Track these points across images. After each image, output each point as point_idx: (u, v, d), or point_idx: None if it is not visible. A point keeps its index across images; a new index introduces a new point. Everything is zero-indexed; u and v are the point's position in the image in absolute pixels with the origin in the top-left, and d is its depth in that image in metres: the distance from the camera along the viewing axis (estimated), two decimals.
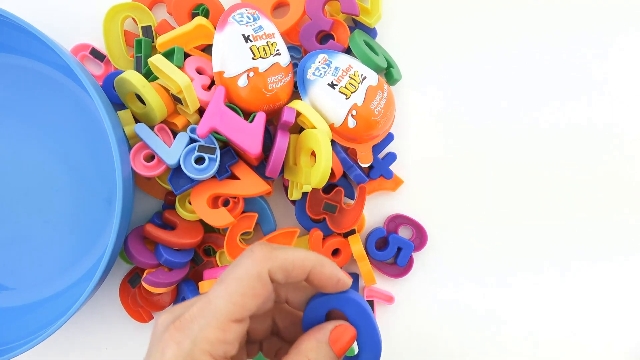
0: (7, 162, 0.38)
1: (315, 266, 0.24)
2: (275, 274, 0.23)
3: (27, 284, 0.38)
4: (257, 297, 0.22)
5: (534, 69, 0.41)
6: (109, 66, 0.39)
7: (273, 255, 0.23)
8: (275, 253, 0.23)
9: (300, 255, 0.23)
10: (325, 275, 0.24)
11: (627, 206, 0.42)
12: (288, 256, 0.23)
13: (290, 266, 0.23)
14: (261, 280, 0.22)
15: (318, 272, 0.24)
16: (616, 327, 0.43)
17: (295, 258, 0.23)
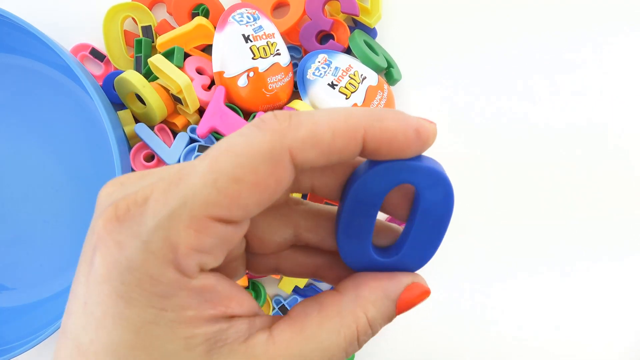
0: (7, 162, 0.38)
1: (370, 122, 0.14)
2: (303, 150, 0.14)
3: (27, 284, 0.38)
4: (259, 188, 0.13)
5: (534, 69, 0.41)
6: (109, 66, 0.39)
7: (295, 123, 0.14)
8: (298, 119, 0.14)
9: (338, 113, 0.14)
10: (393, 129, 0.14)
11: (627, 206, 0.42)
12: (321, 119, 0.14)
13: (326, 134, 0.14)
14: (273, 160, 0.13)
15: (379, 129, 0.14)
16: (616, 326, 0.43)
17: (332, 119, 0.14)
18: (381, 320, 0.17)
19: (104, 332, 0.13)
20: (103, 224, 0.14)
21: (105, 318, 0.13)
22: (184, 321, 0.14)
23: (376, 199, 0.16)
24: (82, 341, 0.14)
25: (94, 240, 0.14)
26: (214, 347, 0.14)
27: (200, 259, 0.14)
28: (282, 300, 0.40)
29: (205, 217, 0.13)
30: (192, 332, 0.14)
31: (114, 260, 0.13)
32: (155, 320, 0.13)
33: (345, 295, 0.16)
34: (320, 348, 0.15)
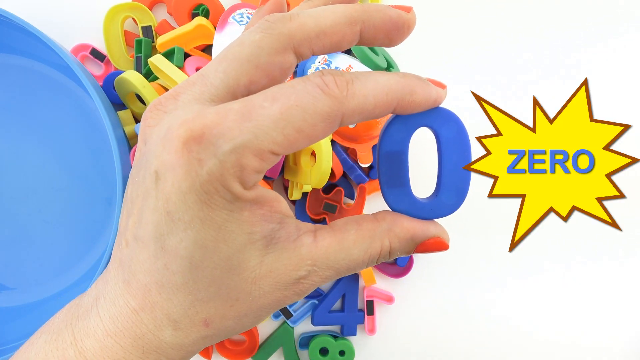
0: (7, 162, 0.38)
1: (403, 95, 0.19)
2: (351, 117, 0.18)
3: (27, 284, 0.38)
4: (312, 139, 0.17)
5: (534, 69, 0.41)
6: (109, 66, 0.39)
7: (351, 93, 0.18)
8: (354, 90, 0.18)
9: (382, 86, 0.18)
10: (419, 102, 0.20)
11: (631, 204, 0.42)
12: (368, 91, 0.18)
13: (370, 105, 0.18)
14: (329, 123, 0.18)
15: (408, 103, 0.19)
16: (617, 325, 0.43)
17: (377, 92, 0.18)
18: (400, 253, 0.21)
19: (192, 231, 0.17)
20: (182, 144, 0.17)
21: (193, 220, 0.17)
22: (245, 220, 0.18)
23: (402, 145, 0.21)
24: (170, 244, 0.18)
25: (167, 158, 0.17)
26: (270, 243, 0.19)
27: (257, 177, 0.18)
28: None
29: (268, 150, 0.17)
30: (251, 229, 0.18)
31: (197, 174, 0.17)
32: (229, 219, 0.18)
33: (381, 224, 0.21)
34: (349, 259, 0.20)
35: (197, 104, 0.18)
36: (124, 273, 0.19)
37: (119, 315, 0.18)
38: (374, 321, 0.41)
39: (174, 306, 0.18)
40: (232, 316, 0.19)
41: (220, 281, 0.18)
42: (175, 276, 0.18)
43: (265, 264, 0.19)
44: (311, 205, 0.39)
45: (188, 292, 0.18)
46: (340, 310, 0.41)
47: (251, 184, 0.18)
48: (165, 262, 0.18)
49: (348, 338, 0.41)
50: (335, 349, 0.40)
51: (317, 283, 0.20)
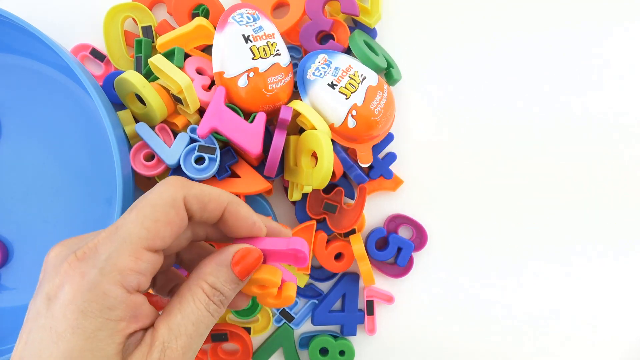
0: (7, 162, 0.38)
1: (231, 203, 0.23)
2: (191, 203, 0.21)
3: (27, 284, 0.38)
4: (171, 225, 0.20)
5: (535, 69, 0.41)
6: (109, 66, 0.39)
7: (189, 184, 0.22)
8: (190, 183, 0.22)
9: (216, 190, 0.23)
10: (241, 215, 0.23)
11: (629, 201, 0.42)
12: (204, 188, 0.22)
13: (206, 197, 0.22)
14: (175, 206, 0.21)
15: (234, 211, 0.23)
16: (618, 322, 0.43)
17: (212, 191, 0.22)
18: (225, 282, 0.22)
19: (63, 342, 0.18)
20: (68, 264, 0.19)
21: (65, 331, 0.18)
22: (118, 330, 0.19)
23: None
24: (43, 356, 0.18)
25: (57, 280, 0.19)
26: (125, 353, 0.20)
27: (138, 278, 0.19)
28: None
29: (140, 248, 0.19)
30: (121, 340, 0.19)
31: (79, 285, 0.18)
32: (101, 327, 0.18)
33: (191, 277, 0.22)
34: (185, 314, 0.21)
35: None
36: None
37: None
38: (374, 321, 0.41)
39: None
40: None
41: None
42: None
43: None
44: (311, 206, 0.39)
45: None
46: (340, 310, 0.41)
47: (135, 285, 0.19)
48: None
49: (348, 338, 0.41)
50: (336, 349, 0.40)
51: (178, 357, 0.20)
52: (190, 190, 0.21)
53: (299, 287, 0.40)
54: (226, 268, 0.22)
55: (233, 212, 0.22)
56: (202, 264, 0.23)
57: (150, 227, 0.20)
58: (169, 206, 0.20)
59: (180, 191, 0.21)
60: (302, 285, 0.40)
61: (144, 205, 0.20)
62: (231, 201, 0.22)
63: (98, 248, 0.19)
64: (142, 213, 0.20)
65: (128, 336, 0.20)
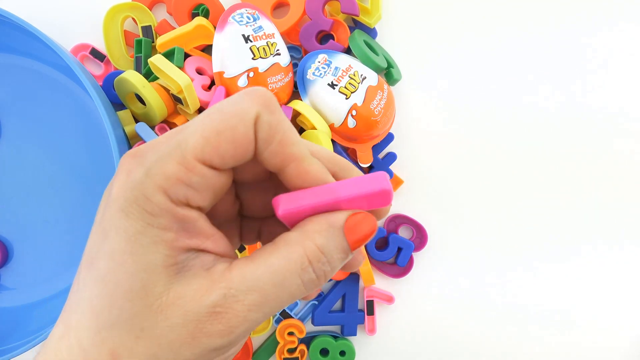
0: (7, 162, 0.38)
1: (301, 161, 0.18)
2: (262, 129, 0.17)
3: (27, 284, 0.38)
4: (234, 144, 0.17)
5: (535, 69, 0.41)
6: (109, 66, 0.39)
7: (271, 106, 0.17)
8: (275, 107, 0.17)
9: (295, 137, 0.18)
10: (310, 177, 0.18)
11: (630, 199, 0.42)
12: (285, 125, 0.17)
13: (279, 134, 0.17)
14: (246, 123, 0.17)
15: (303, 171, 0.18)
16: (619, 320, 0.43)
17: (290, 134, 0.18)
18: (334, 249, 0.18)
19: (107, 241, 0.16)
20: (121, 161, 0.17)
21: (110, 229, 0.16)
22: (164, 240, 0.16)
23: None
24: (92, 255, 0.17)
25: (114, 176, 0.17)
26: (181, 271, 0.17)
27: (186, 191, 0.17)
28: None
29: (192, 158, 0.16)
30: (168, 252, 0.17)
31: (123, 183, 0.16)
32: (143, 232, 0.16)
33: (293, 232, 0.18)
34: (270, 271, 0.17)
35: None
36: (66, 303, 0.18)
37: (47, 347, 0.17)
38: (374, 321, 0.41)
39: (84, 329, 0.16)
40: (140, 353, 0.16)
41: (122, 303, 0.16)
42: (86, 291, 0.17)
43: (173, 291, 0.16)
44: None
45: (93, 311, 0.16)
46: (340, 311, 0.41)
47: (181, 198, 0.17)
48: (85, 276, 0.17)
49: (348, 338, 0.41)
50: (336, 349, 0.40)
51: (241, 314, 0.17)
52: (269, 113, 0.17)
53: None
54: (339, 231, 0.18)
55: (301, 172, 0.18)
56: (307, 220, 0.18)
57: (210, 138, 0.16)
58: (239, 121, 0.16)
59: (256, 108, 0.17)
60: None
61: (212, 111, 0.17)
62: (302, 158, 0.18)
63: (152, 148, 0.17)
64: (208, 120, 0.17)
65: (181, 251, 0.17)
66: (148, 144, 0.17)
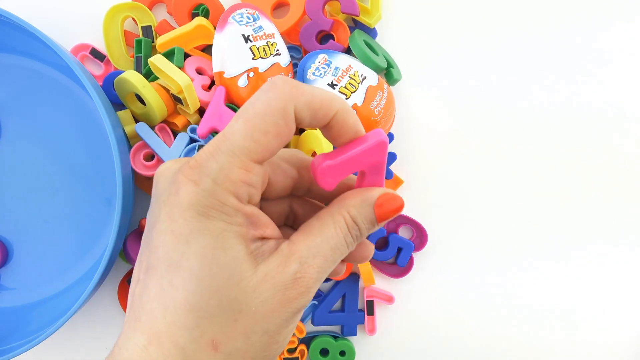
0: (7, 162, 0.38)
1: (342, 109, 0.21)
2: (302, 110, 0.19)
3: (27, 284, 0.38)
4: (280, 137, 0.19)
5: (535, 69, 0.41)
6: (109, 66, 0.39)
7: (299, 90, 0.19)
8: (302, 88, 0.20)
9: (327, 94, 0.20)
10: (349, 123, 0.21)
11: (631, 198, 0.42)
12: (315, 93, 0.20)
13: (318, 104, 0.20)
14: (286, 116, 0.19)
15: (341, 119, 0.21)
16: (620, 319, 0.43)
17: (323, 96, 0.20)
18: (364, 219, 0.22)
19: (193, 242, 0.18)
20: (182, 174, 0.19)
21: (192, 233, 0.18)
22: (242, 234, 0.19)
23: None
24: (174, 258, 0.19)
25: (172, 188, 0.19)
26: (257, 256, 0.20)
27: (249, 190, 0.19)
28: None
29: (249, 160, 0.19)
30: (247, 243, 0.19)
31: (194, 192, 0.18)
32: (227, 229, 0.19)
33: (334, 205, 0.22)
34: (326, 238, 0.21)
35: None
36: (135, 311, 0.19)
37: (131, 357, 0.19)
38: (374, 321, 0.41)
39: (178, 329, 0.18)
40: (239, 334, 0.19)
41: (221, 292, 0.19)
42: (177, 292, 0.18)
43: (259, 271, 0.20)
44: None
45: (190, 308, 0.18)
46: (340, 311, 0.41)
47: (246, 197, 0.19)
48: (170, 279, 0.19)
49: (348, 338, 0.41)
50: (336, 349, 0.40)
51: (314, 275, 0.20)
52: (302, 97, 0.19)
53: None
54: (369, 207, 0.22)
55: (340, 120, 0.21)
56: (345, 195, 0.22)
57: (260, 140, 0.19)
58: (280, 117, 0.19)
59: (291, 101, 0.19)
60: None
61: (252, 115, 0.19)
62: (341, 108, 0.21)
63: (210, 159, 0.19)
64: (251, 124, 0.19)
65: (254, 240, 0.20)
66: (200, 156, 0.19)
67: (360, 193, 0.22)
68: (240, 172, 0.19)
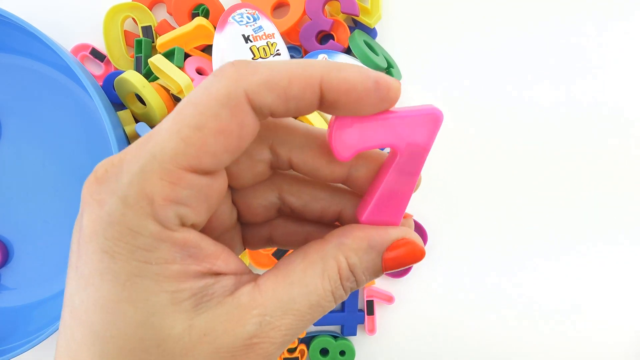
0: (8, 162, 0.38)
1: (328, 71, 0.14)
2: (260, 94, 0.14)
3: (27, 284, 0.38)
4: (224, 134, 0.14)
5: (536, 69, 0.41)
6: (109, 66, 0.39)
7: (250, 69, 0.14)
8: (254, 66, 0.14)
9: (297, 64, 0.14)
10: (351, 80, 0.14)
11: (632, 197, 0.42)
12: (277, 67, 0.14)
13: (283, 80, 0.14)
14: (231, 105, 0.13)
15: (336, 79, 0.14)
16: (621, 318, 0.43)
17: (291, 68, 0.14)
18: (364, 270, 0.16)
19: (92, 289, 0.14)
20: (85, 188, 0.14)
21: (92, 275, 0.14)
22: (170, 275, 0.14)
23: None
24: (75, 304, 0.14)
25: (81, 207, 0.14)
26: (200, 302, 0.14)
27: (177, 210, 0.14)
28: None
29: (176, 168, 0.13)
30: (177, 286, 0.14)
31: (96, 217, 0.14)
32: (140, 274, 0.14)
33: (329, 242, 0.16)
34: (305, 292, 0.15)
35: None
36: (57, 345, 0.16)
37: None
38: (374, 321, 0.41)
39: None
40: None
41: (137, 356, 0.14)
42: (81, 349, 0.14)
43: (197, 327, 0.14)
44: None
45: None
46: (340, 310, 0.41)
47: (173, 220, 0.14)
48: (72, 332, 0.14)
49: (348, 338, 0.41)
50: (336, 349, 0.40)
51: (278, 340, 0.15)
52: (253, 77, 0.14)
53: None
54: (377, 255, 0.16)
55: (335, 84, 0.14)
56: (348, 233, 0.16)
57: (190, 138, 0.13)
58: (220, 107, 0.13)
59: (238, 84, 0.14)
60: None
61: (184, 105, 0.14)
62: (327, 72, 0.14)
63: (122, 166, 0.14)
64: (180, 117, 0.14)
65: (193, 281, 0.14)
66: (112, 162, 0.14)
67: (367, 233, 0.16)
68: (162, 185, 0.13)
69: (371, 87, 0.15)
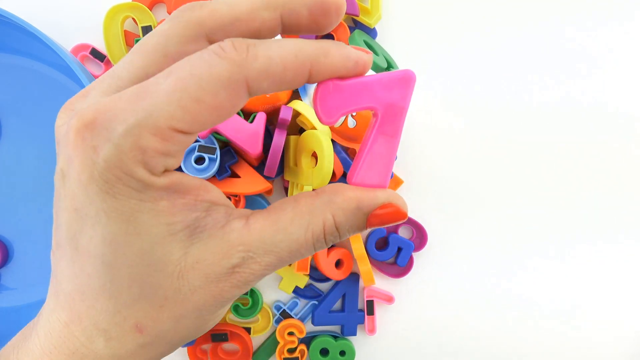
0: (8, 162, 0.38)
1: (317, 57, 0.16)
2: (258, 81, 0.16)
3: (27, 284, 0.38)
4: (217, 111, 0.15)
5: (536, 69, 0.41)
6: (109, 66, 0.39)
7: (252, 54, 0.15)
8: (255, 50, 0.15)
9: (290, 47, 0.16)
10: (336, 64, 0.17)
11: (632, 196, 0.42)
12: (273, 53, 0.16)
13: (279, 67, 0.16)
14: (230, 89, 0.15)
15: (323, 65, 0.17)
16: (621, 318, 0.43)
17: (285, 54, 0.16)
18: (349, 228, 0.18)
19: (99, 226, 0.16)
20: (75, 134, 0.15)
21: (98, 214, 0.16)
22: (161, 210, 0.16)
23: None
24: (82, 242, 0.16)
25: (67, 152, 0.16)
26: (194, 233, 0.17)
27: (165, 161, 0.16)
28: (283, 305, 0.40)
29: (168, 128, 0.15)
30: (170, 219, 0.16)
31: (92, 162, 0.15)
32: (139, 209, 0.16)
33: (320, 197, 0.18)
34: (289, 239, 0.18)
35: (102, 97, 0.17)
36: (54, 285, 0.18)
37: (52, 331, 0.17)
38: (374, 321, 0.41)
39: (98, 314, 0.17)
40: (166, 318, 0.17)
41: (141, 280, 0.16)
42: (92, 279, 0.16)
43: (191, 255, 0.17)
44: None
45: (109, 296, 0.17)
46: (340, 311, 0.41)
47: (160, 169, 0.16)
48: (81, 265, 0.16)
49: (348, 338, 0.41)
50: (336, 349, 0.40)
51: (257, 272, 0.17)
52: (255, 64, 0.15)
53: (299, 288, 0.40)
54: (363, 215, 0.18)
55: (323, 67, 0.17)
56: (339, 192, 0.18)
57: (188, 108, 0.15)
58: (221, 87, 0.15)
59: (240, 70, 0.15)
60: (302, 286, 0.40)
61: (187, 75, 0.15)
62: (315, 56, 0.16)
63: (115, 113, 0.15)
64: (183, 85, 0.15)
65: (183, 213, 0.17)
66: (95, 105, 0.15)
67: (357, 195, 0.18)
68: (154, 140, 0.15)
69: (351, 67, 0.17)
